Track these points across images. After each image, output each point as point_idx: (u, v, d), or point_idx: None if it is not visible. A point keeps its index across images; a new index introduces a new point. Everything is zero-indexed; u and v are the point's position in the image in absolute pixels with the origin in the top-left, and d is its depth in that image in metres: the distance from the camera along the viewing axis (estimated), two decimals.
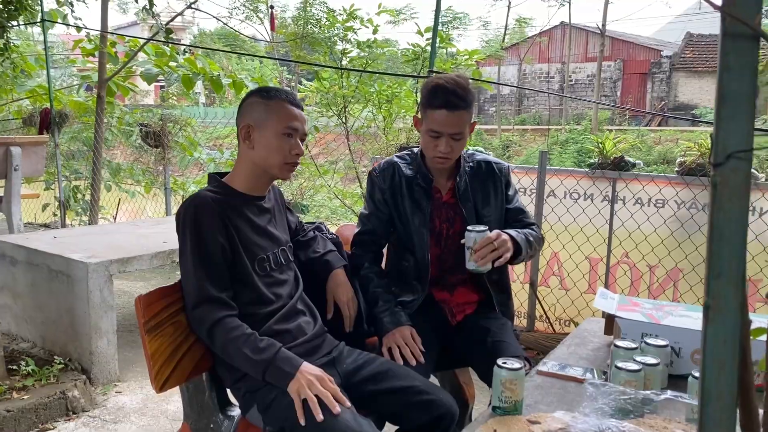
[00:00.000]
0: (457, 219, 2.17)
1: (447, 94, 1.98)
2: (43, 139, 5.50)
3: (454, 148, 2.04)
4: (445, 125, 2.00)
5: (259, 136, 1.79)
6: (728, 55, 0.64)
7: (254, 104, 1.82)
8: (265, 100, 1.81)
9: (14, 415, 2.62)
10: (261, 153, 1.80)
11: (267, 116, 1.79)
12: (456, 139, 2.02)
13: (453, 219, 2.18)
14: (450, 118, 1.99)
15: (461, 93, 1.98)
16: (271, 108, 1.80)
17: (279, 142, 1.79)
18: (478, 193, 2.17)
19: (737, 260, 0.66)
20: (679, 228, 3.34)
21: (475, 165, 2.20)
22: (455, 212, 2.17)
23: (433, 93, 2.00)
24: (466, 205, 2.15)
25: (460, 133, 2.02)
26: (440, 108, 1.98)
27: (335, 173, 6.13)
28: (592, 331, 2.23)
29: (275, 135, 1.78)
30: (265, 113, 1.79)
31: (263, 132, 1.79)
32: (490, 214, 2.17)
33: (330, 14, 6.01)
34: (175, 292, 1.75)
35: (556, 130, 23.27)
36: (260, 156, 1.80)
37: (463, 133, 2.03)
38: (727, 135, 0.65)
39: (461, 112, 1.99)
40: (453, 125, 2.00)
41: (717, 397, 0.67)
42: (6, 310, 3.45)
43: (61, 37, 19.57)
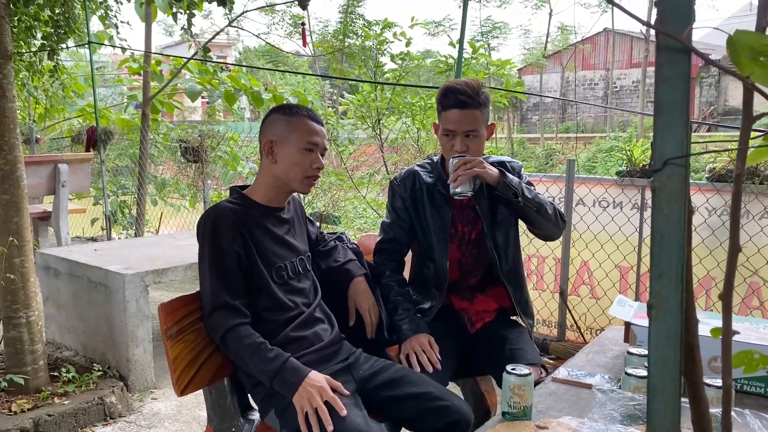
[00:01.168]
0: (478, 221, 2.21)
1: (457, 93, 2.04)
2: (88, 156, 5.74)
3: (470, 147, 2.07)
4: (458, 123, 2.06)
5: (281, 151, 1.87)
6: (662, 67, 0.68)
7: (277, 120, 1.90)
8: (287, 117, 1.89)
9: (55, 419, 2.75)
10: (283, 167, 1.87)
11: (289, 132, 1.87)
12: (470, 136, 2.07)
13: (474, 221, 2.21)
14: (462, 116, 2.05)
15: (471, 92, 2.04)
16: (293, 124, 1.88)
17: (300, 156, 1.86)
18: (493, 191, 2.18)
19: (677, 261, 0.69)
20: (710, 235, 3.29)
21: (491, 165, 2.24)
22: (476, 214, 2.20)
23: (444, 95, 2.08)
24: (482, 203, 2.18)
25: (473, 130, 2.06)
26: (452, 108, 2.06)
27: (370, 185, 6.19)
28: (613, 339, 2.22)
29: (297, 150, 1.86)
30: (288, 129, 1.87)
31: (286, 147, 1.87)
32: (505, 211, 2.20)
33: (364, 29, 6.11)
34: (197, 301, 1.83)
35: (600, 137, 22.94)
36: (282, 170, 1.88)
37: (478, 131, 2.07)
38: (664, 142, 0.68)
39: (473, 110, 2.04)
40: (465, 122, 2.05)
41: (662, 391, 0.70)
42: (51, 319, 3.61)
43: (111, 57, 20.26)
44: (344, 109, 7.01)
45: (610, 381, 1.82)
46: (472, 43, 5.60)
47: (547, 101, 29.50)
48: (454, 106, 2.05)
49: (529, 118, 31.32)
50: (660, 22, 0.67)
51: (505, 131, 25.72)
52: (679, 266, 0.69)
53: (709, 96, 27.10)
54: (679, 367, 0.69)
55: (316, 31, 21.62)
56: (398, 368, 1.94)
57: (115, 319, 3.18)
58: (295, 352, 1.81)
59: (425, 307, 2.24)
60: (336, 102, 18.66)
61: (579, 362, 2.03)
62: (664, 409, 0.70)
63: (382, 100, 5.74)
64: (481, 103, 2.06)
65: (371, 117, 5.85)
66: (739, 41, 0.63)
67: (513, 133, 26.12)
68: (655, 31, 0.67)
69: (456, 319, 2.26)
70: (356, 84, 6.81)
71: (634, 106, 26.00)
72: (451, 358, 2.13)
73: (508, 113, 25.85)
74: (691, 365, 0.73)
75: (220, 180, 7.42)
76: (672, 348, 0.69)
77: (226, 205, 1.86)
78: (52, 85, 6.87)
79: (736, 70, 0.65)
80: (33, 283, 2.94)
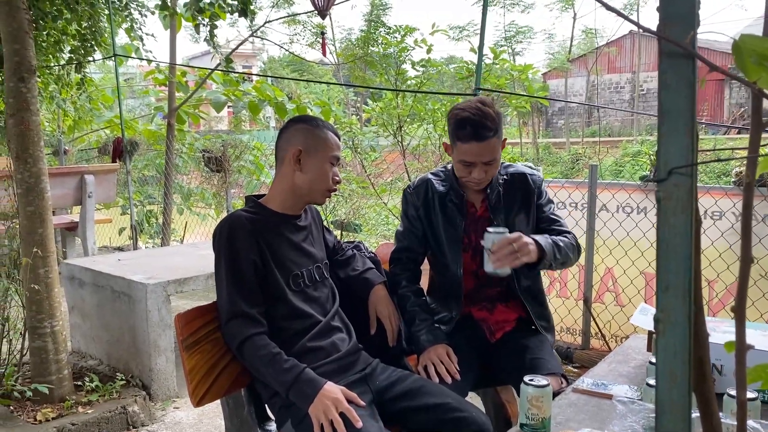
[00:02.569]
0: None
1: (475, 126, 1.97)
2: (114, 167, 5.83)
3: (488, 172, 2.05)
4: (477, 156, 2.01)
5: (308, 162, 1.88)
6: (666, 74, 0.66)
7: (303, 131, 1.91)
8: (314, 129, 1.91)
9: (78, 428, 2.79)
10: (309, 177, 1.89)
11: (318, 144, 1.89)
12: (489, 164, 2.03)
13: None
14: (481, 149, 1.99)
15: (488, 123, 1.97)
16: (320, 137, 1.90)
17: (325, 168, 1.89)
18: (510, 204, 2.17)
19: (684, 273, 0.67)
20: (737, 241, 3.22)
21: (508, 177, 2.19)
22: (490, 225, 2.16)
23: (460, 125, 1.99)
24: (498, 216, 2.15)
25: (493, 159, 2.02)
26: (469, 141, 1.98)
27: (392, 192, 6.19)
28: (636, 348, 2.18)
29: (323, 162, 1.89)
30: (316, 141, 1.89)
31: (313, 158, 1.88)
32: (521, 223, 2.16)
33: (384, 37, 6.12)
34: (213, 311, 1.84)
35: (627, 141, 22.64)
36: (307, 180, 1.89)
37: (496, 158, 2.04)
38: (668, 151, 0.66)
39: (491, 140, 1.98)
40: (485, 155, 2.00)
41: (670, 408, 0.68)
42: (76, 329, 3.66)
43: (139, 69, 20.59)
44: (368, 116, 7.03)
45: (635, 392, 1.78)
46: (494, 48, 5.57)
47: (572, 105, 29.24)
48: (473, 139, 1.98)
49: (555, 123, 31.06)
50: (663, 28, 0.65)
51: (530, 136, 25.55)
52: (686, 278, 0.67)
53: (740, 97, 26.62)
54: (689, 383, 0.67)
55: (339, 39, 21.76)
56: (416, 378, 1.93)
57: (137, 328, 3.21)
58: (312, 362, 1.80)
59: (444, 317, 2.22)
60: (359, 110, 18.73)
61: (601, 372, 2.00)
62: (673, 426, 0.67)
63: (404, 107, 5.74)
64: (497, 129, 2.00)
65: (392, 124, 5.85)
66: (744, 46, 0.61)
67: (538, 138, 25.92)
68: (657, 37, 0.65)
69: (475, 329, 2.23)
70: (378, 92, 6.83)
71: None
72: (470, 369, 2.10)
73: (532, 118, 25.67)
74: (702, 380, 0.70)
75: (245, 189, 7.48)
76: (680, 362, 0.67)
77: (241, 213, 1.87)
78: (80, 98, 6.99)
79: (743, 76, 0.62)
80: (57, 293, 2.98)
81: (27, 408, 2.89)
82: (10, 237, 3.17)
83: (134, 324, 3.22)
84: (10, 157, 2.93)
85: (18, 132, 2.83)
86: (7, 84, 2.85)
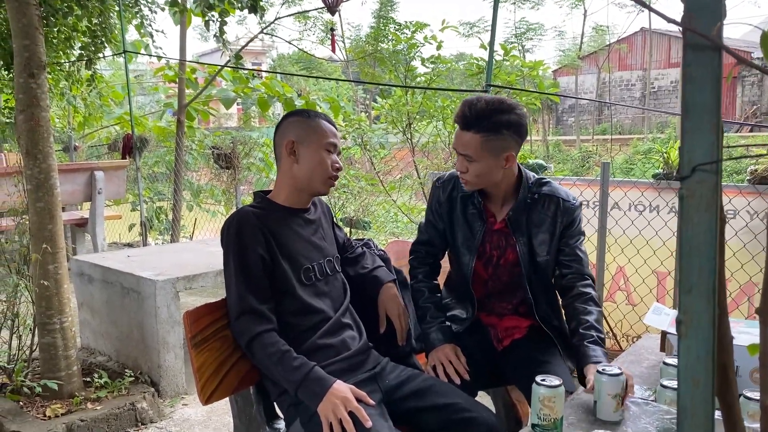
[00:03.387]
0: (509, 250, 2.08)
1: (462, 110, 1.91)
2: (123, 163, 5.83)
3: (469, 169, 1.94)
4: (456, 142, 1.96)
5: (303, 151, 1.87)
6: (690, 67, 0.63)
7: (296, 122, 1.91)
8: (306, 119, 1.91)
9: (87, 424, 2.78)
10: (305, 167, 1.87)
11: (310, 133, 1.88)
12: (468, 161, 1.93)
13: (504, 248, 2.09)
14: (459, 136, 1.94)
15: (474, 114, 1.88)
16: (312, 126, 1.89)
17: (322, 156, 1.87)
18: (535, 227, 2.04)
19: (708, 274, 0.64)
20: (752, 240, 3.18)
21: (538, 197, 2.05)
22: (507, 242, 2.08)
23: (458, 108, 1.96)
24: (520, 240, 2.05)
25: (467, 155, 1.92)
26: (456, 124, 1.96)
27: (401, 189, 6.17)
28: (649, 348, 2.15)
29: (318, 150, 1.87)
30: (308, 130, 1.88)
31: (307, 147, 1.87)
32: (545, 253, 2.05)
33: (394, 33, 6.10)
34: (222, 308, 1.82)
35: (638, 139, 22.52)
36: (304, 170, 1.88)
37: (472, 157, 1.91)
38: (692, 147, 0.64)
39: (470, 134, 1.89)
40: (459, 144, 1.94)
41: (692, 414, 0.65)
42: (86, 325, 3.67)
43: (149, 66, 20.65)
44: (377, 113, 7.01)
45: (646, 391, 1.75)
46: (504, 45, 5.54)
47: (582, 103, 29.09)
48: (457, 123, 1.94)
49: (565, 120, 30.92)
50: (687, 19, 0.63)
51: (540, 134, 25.46)
52: (710, 279, 0.64)
53: (752, 95, 26.41)
54: (712, 389, 0.65)
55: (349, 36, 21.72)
56: (425, 378, 1.91)
57: (146, 325, 3.21)
58: (322, 360, 1.79)
59: (458, 316, 2.19)
60: (369, 107, 18.70)
61: None
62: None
63: (413, 105, 5.72)
64: (483, 126, 1.87)
65: (402, 121, 5.83)
66: None
67: (548, 136, 25.83)
68: (682, 28, 0.63)
69: (484, 334, 2.19)
70: (388, 89, 6.81)
71: (673, 106, 25.45)
72: (479, 371, 2.07)
73: (543, 115, 25.58)
74: (725, 386, 0.68)
75: (254, 186, 7.48)
76: (704, 368, 0.65)
77: (248, 209, 1.86)
78: (90, 94, 7.01)
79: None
80: (67, 289, 2.98)
81: (36, 404, 2.90)
82: (20, 233, 3.16)
83: (143, 320, 3.22)
84: (20, 153, 2.93)
85: (28, 128, 2.83)
86: (17, 80, 2.85)
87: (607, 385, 1.58)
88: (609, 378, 1.58)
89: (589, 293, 2.02)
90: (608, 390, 1.58)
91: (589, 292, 2.03)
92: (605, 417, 1.59)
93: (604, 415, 1.59)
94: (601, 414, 1.59)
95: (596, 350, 1.88)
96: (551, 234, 2.05)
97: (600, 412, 1.60)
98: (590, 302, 2.00)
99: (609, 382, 1.58)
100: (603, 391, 1.59)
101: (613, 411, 1.58)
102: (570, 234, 2.06)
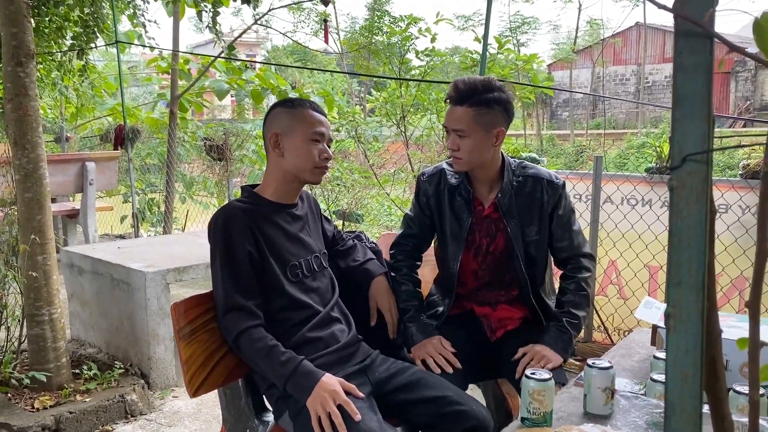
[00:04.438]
0: (499, 235, 2.10)
1: (455, 87, 1.96)
2: (115, 154, 5.80)
3: (460, 147, 1.97)
4: (447, 119, 1.99)
5: (288, 143, 1.84)
6: (681, 55, 0.62)
7: (279, 113, 1.88)
8: (290, 109, 1.88)
9: (76, 416, 2.77)
10: (291, 159, 1.85)
11: (294, 124, 1.85)
12: (460, 137, 1.96)
13: (494, 234, 2.10)
14: (451, 112, 1.97)
15: (466, 88, 1.93)
16: (296, 115, 1.86)
17: (308, 147, 1.84)
18: (523, 209, 2.07)
19: (697, 266, 0.63)
20: (743, 234, 3.18)
21: (523, 179, 2.08)
22: (497, 227, 2.09)
23: (450, 88, 1.99)
24: (511, 222, 2.06)
25: (459, 129, 1.95)
26: (447, 101, 1.99)
27: (395, 182, 6.16)
28: (640, 342, 2.15)
29: (303, 140, 1.84)
30: (292, 120, 1.85)
31: (292, 138, 1.84)
32: (534, 234, 2.08)
33: (389, 26, 6.07)
34: (210, 300, 1.81)
35: (631, 133, 22.54)
36: (291, 162, 1.85)
37: (464, 131, 1.94)
38: (683, 137, 0.63)
39: (461, 108, 1.93)
40: (451, 120, 1.97)
41: (680, 409, 0.64)
42: (75, 317, 3.65)
43: (142, 56, 20.53)
44: (371, 106, 6.99)
45: (636, 385, 1.75)
46: (498, 38, 5.51)
47: (577, 97, 29.11)
48: (448, 100, 1.99)
49: (559, 114, 30.94)
50: (680, 5, 0.61)
51: (534, 127, 25.46)
52: (699, 272, 0.63)
53: (745, 91, 26.48)
54: (700, 383, 0.63)
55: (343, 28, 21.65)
56: (415, 371, 1.90)
57: (136, 316, 3.19)
58: (311, 353, 1.78)
59: (439, 310, 2.19)
60: (363, 99, 18.66)
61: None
62: (683, 428, 0.64)
63: (407, 97, 5.69)
64: (474, 101, 1.92)
65: (396, 114, 5.81)
66: (766, 24, 0.57)
67: (542, 130, 25.83)
68: (674, 15, 0.61)
69: (476, 325, 2.19)
70: (382, 81, 6.78)
71: (667, 101, 25.46)
72: (470, 362, 2.06)
73: (537, 109, 25.58)
74: (714, 380, 0.67)
75: (247, 178, 7.45)
76: (692, 362, 0.63)
77: (236, 204, 1.84)
78: (82, 85, 6.96)
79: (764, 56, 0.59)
80: (56, 280, 2.95)
81: (25, 395, 2.87)
82: (8, 224, 3.14)
83: (133, 312, 3.20)
84: (8, 143, 2.90)
85: (16, 117, 2.80)
86: (5, 68, 2.81)
87: (597, 378, 1.58)
88: (599, 371, 1.58)
89: (575, 277, 2.09)
90: (598, 384, 1.58)
91: (576, 276, 2.10)
92: (595, 410, 1.59)
93: (593, 408, 1.59)
94: (591, 407, 1.59)
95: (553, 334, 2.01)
96: (540, 214, 2.08)
97: (590, 406, 1.59)
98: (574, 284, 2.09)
99: (599, 376, 1.58)
100: (593, 385, 1.58)
101: (603, 404, 1.58)
102: (560, 214, 2.10)
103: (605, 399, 1.58)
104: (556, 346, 1.99)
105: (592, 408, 1.59)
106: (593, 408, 1.59)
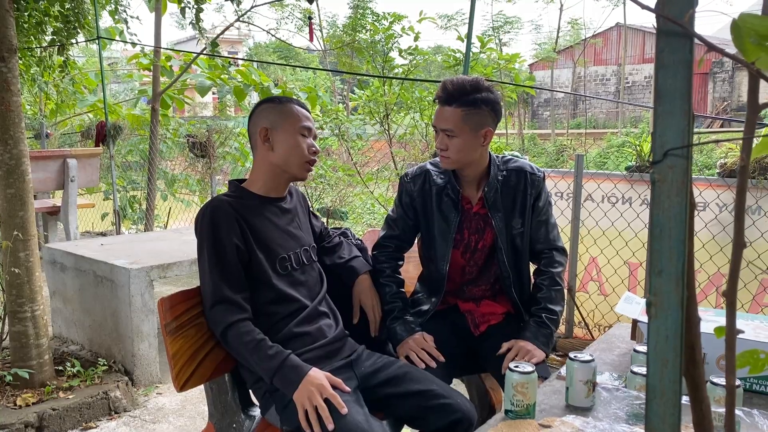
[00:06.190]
0: (487, 230, 2.13)
1: (441, 88, 1.99)
2: (97, 151, 5.75)
3: (449, 146, 2.00)
4: (436, 119, 2.02)
5: (277, 137, 1.86)
6: (663, 53, 0.65)
7: (268, 109, 1.90)
8: (278, 105, 1.90)
9: (60, 413, 2.75)
10: (281, 153, 1.86)
11: (283, 118, 1.87)
12: (449, 137, 1.99)
13: (483, 230, 2.13)
14: (439, 113, 2.00)
15: (452, 89, 1.96)
16: (285, 111, 1.88)
17: (297, 140, 1.86)
18: (508, 203, 2.11)
19: (677, 256, 0.66)
20: (721, 232, 3.24)
21: (507, 173, 2.12)
22: (485, 223, 2.12)
23: (438, 89, 2.01)
24: (496, 216, 2.10)
25: (448, 129, 1.98)
26: (436, 101, 2.02)
27: (378, 180, 6.17)
28: (620, 336, 2.19)
29: (293, 134, 1.86)
30: (281, 116, 1.88)
31: (281, 132, 1.86)
32: (519, 225, 2.12)
33: (372, 24, 6.07)
34: (197, 295, 1.82)
35: (612, 133, 22.76)
36: (280, 156, 1.87)
37: (453, 131, 1.97)
38: (664, 132, 0.65)
39: (450, 108, 1.96)
40: (440, 119, 2.00)
41: (661, 393, 0.67)
42: (58, 314, 3.62)
43: (123, 53, 20.33)
44: (354, 104, 6.99)
45: (617, 379, 1.79)
46: (481, 37, 5.55)
47: (558, 97, 29.33)
48: (437, 100, 2.01)
49: (540, 114, 31.15)
50: (661, 6, 0.64)
51: (516, 127, 25.60)
52: (679, 262, 0.66)
53: (723, 91, 26.84)
54: (680, 368, 0.66)
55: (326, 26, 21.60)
56: (401, 365, 1.92)
57: (120, 313, 3.18)
58: (299, 348, 1.79)
59: (423, 309, 2.21)
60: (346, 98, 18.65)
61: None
62: (664, 411, 0.67)
63: (391, 96, 5.70)
64: (462, 101, 1.95)
65: (379, 112, 5.82)
66: (744, 25, 0.60)
67: (524, 129, 25.98)
68: (655, 15, 0.64)
69: (461, 320, 2.22)
70: (365, 79, 6.80)
71: (647, 101, 25.78)
72: (454, 357, 2.09)
73: (518, 109, 25.73)
74: (692, 365, 0.70)
75: (230, 175, 7.42)
76: (672, 348, 0.66)
77: (223, 198, 1.85)
78: (63, 81, 6.89)
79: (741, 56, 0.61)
80: (38, 277, 2.94)
81: (7, 393, 2.86)
82: None
83: (117, 309, 3.19)
84: None
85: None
86: None
87: (579, 371, 1.61)
88: (581, 365, 1.61)
89: (549, 272, 2.14)
90: (580, 377, 1.61)
91: (550, 271, 2.14)
92: (577, 403, 1.62)
93: (575, 401, 1.62)
94: (573, 400, 1.62)
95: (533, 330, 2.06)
96: (523, 206, 2.12)
97: (572, 398, 1.63)
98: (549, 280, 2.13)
99: (581, 369, 1.61)
100: (575, 378, 1.62)
101: (585, 397, 1.61)
102: (539, 206, 2.15)
103: (587, 391, 1.61)
104: (537, 341, 2.03)
105: (574, 400, 1.62)
106: (575, 400, 1.62)
